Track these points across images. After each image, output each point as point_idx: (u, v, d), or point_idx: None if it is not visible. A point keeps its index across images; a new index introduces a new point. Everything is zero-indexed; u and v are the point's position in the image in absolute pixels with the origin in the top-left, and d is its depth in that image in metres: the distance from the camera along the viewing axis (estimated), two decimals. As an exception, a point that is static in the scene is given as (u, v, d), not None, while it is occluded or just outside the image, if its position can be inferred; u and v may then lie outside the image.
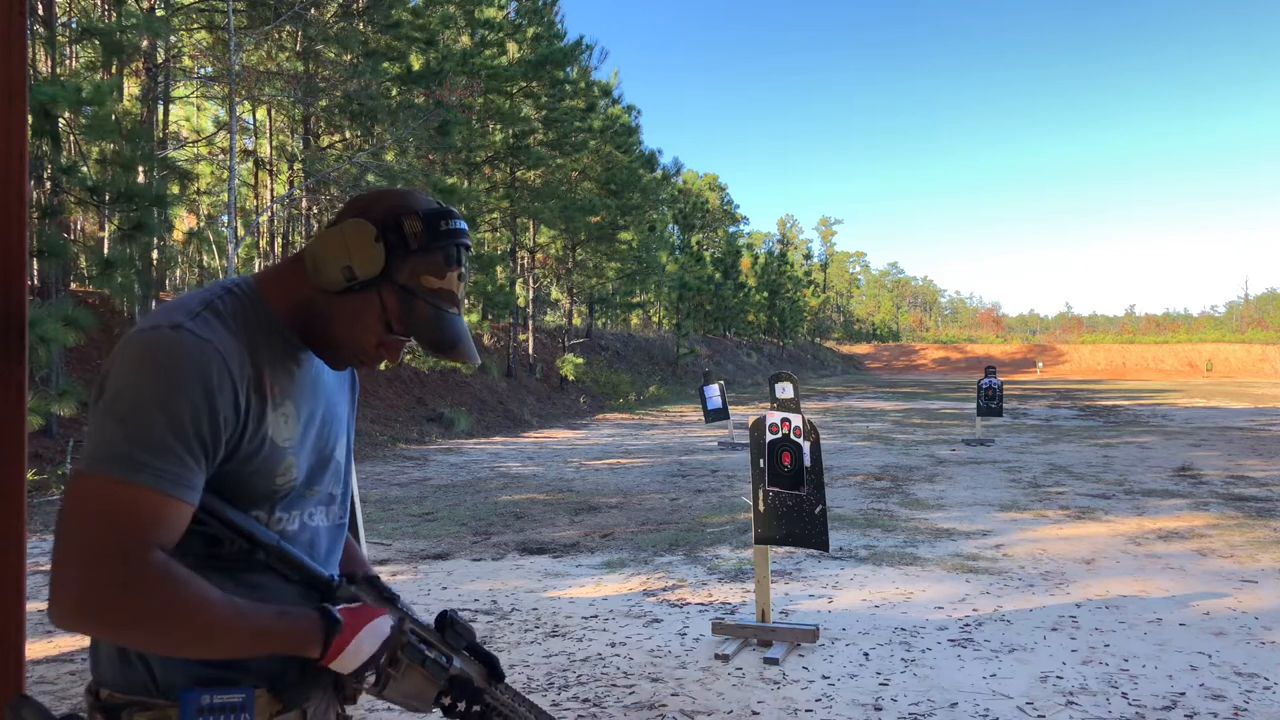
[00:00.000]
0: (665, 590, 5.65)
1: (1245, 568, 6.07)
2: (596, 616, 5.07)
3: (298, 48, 16.48)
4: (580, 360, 24.85)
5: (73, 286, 13.57)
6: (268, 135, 18.79)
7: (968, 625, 4.84)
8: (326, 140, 18.28)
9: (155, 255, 13.14)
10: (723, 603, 5.34)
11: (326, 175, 16.22)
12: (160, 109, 14.88)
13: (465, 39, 21.17)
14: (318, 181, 16.37)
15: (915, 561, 6.34)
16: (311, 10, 15.09)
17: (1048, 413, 22.14)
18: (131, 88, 14.34)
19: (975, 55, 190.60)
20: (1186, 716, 3.61)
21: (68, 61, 15.35)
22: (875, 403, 27.07)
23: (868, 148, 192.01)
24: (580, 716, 3.63)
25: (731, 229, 61.21)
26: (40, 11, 10.92)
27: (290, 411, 1.18)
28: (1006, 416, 18.00)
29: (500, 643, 4.59)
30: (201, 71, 16.85)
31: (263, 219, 17.70)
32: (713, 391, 14.91)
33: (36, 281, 11.59)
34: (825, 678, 4.06)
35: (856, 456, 12.90)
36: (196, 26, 15.27)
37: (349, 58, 16.81)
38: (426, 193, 1.41)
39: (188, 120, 21.20)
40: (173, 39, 13.97)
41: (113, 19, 12.75)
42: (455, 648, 1.27)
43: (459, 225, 1.19)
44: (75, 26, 14.26)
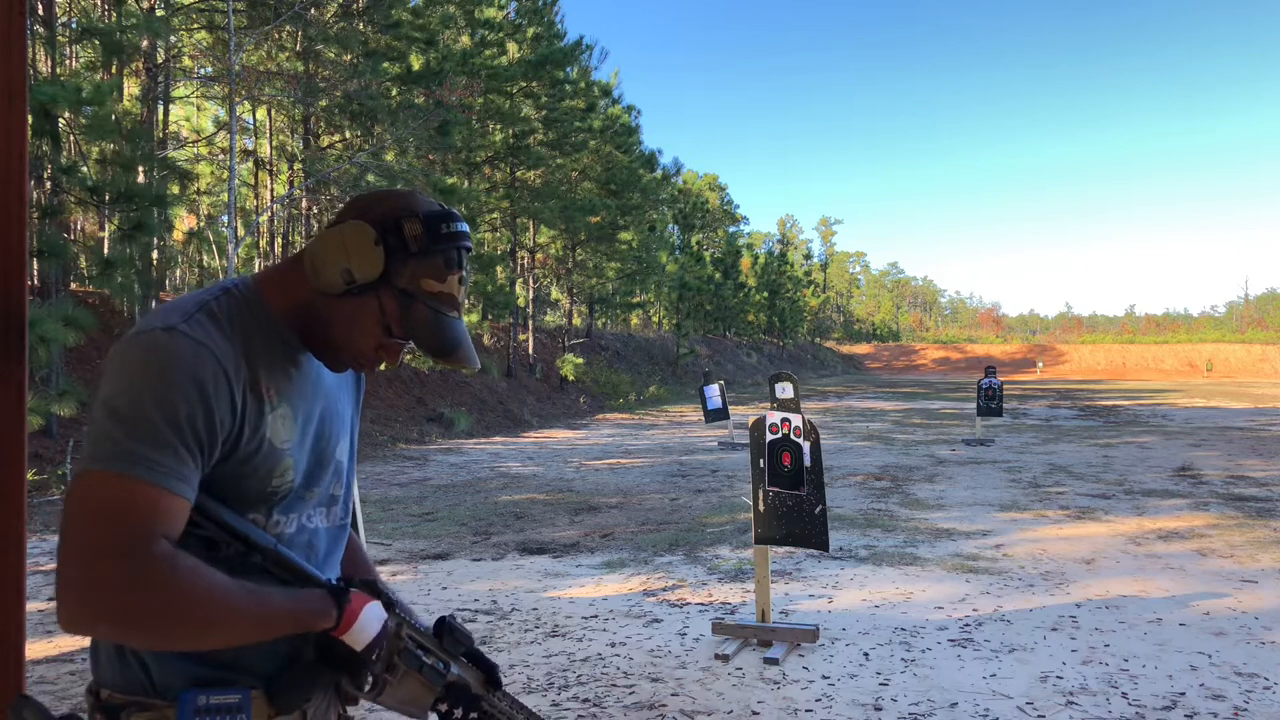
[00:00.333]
0: (665, 590, 5.65)
1: (1245, 568, 6.08)
2: (596, 616, 5.07)
3: (298, 48, 16.49)
4: (580, 360, 24.85)
5: (73, 286, 13.57)
6: (268, 135, 18.80)
7: (968, 625, 4.84)
8: (326, 140, 18.28)
9: (155, 255, 13.15)
10: (723, 603, 5.34)
11: (326, 175, 16.22)
12: (160, 109, 14.88)
13: (465, 39, 21.17)
14: (318, 181, 16.37)
15: (915, 561, 6.34)
16: (311, 10, 15.09)
17: (1048, 413, 22.15)
18: (131, 88, 14.35)
19: (975, 55, 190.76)
20: (1186, 716, 3.61)
21: (68, 61, 15.34)
22: (875, 403, 27.07)
23: (868, 148, 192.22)
24: (580, 716, 3.63)
25: (731, 229, 61.21)
26: (40, 11, 10.92)
27: (287, 413, 1.17)
28: (1006, 416, 18.00)
29: (500, 643, 4.59)
30: (201, 71, 16.85)
31: (263, 219, 17.70)
32: (713, 391, 14.91)
33: (36, 281, 11.59)
34: (825, 678, 4.06)
35: (856, 456, 12.90)
36: (196, 26, 15.27)
37: (349, 58, 16.81)
38: (426, 193, 1.41)
39: (188, 120, 21.20)
40: (173, 39, 13.97)
41: (113, 19, 12.75)
42: (453, 654, 1.26)
43: (460, 228, 1.18)
44: (75, 26, 14.26)
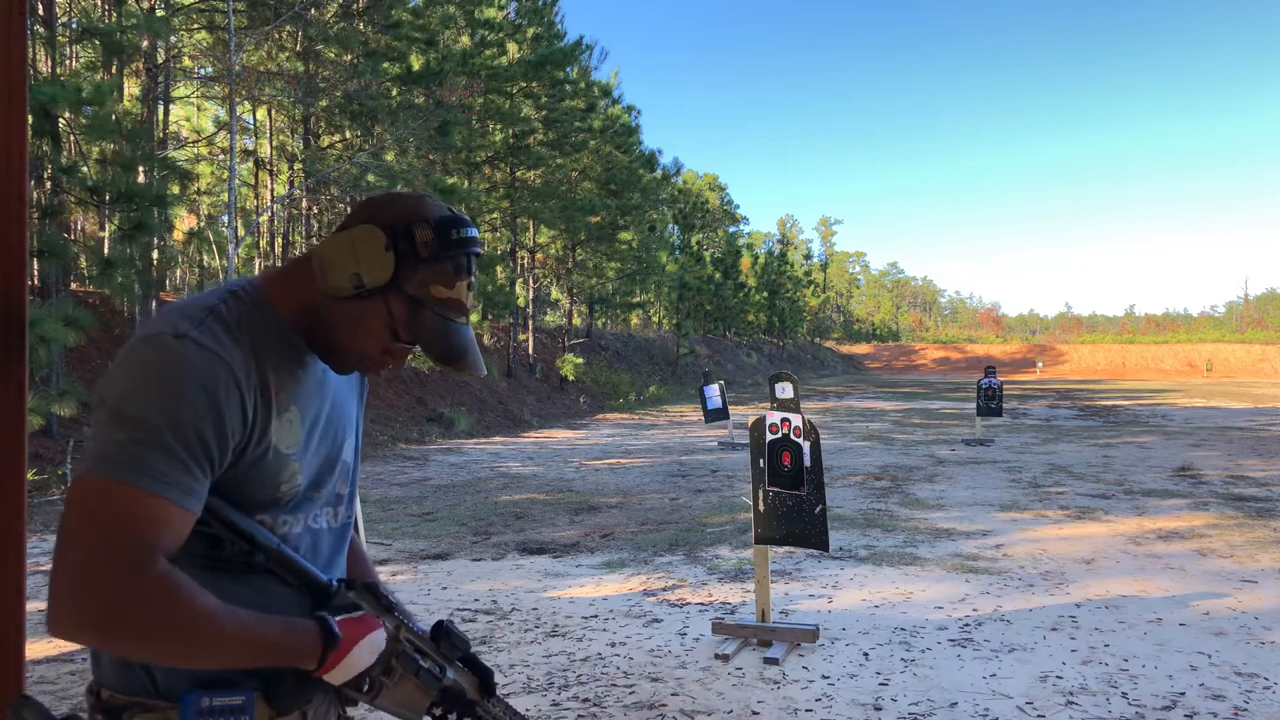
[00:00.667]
0: (665, 590, 5.65)
1: (1245, 568, 6.08)
2: (596, 616, 5.07)
3: (298, 48, 16.49)
4: (580, 360, 24.85)
5: (73, 286, 13.57)
6: (268, 135, 18.80)
7: (968, 625, 4.84)
8: (326, 140, 18.28)
9: (155, 255, 13.14)
10: (723, 603, 5.34)
11: (326, 175, 16.22)
12: (160, 109, 14.88)
13: (465, 39, 21.17)
14: (318, 181, 16.37)
15: (915, 561, 6.34)
16: (311, 10, 15.09)
17: (1047, 413, 22.14)
18: (132, 88, 14.35)
19: (975, 55, 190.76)
20: (1186, 716, 3.61)
21: (68, 61, 15.34)
22: (875, 403, 27.07)
23: (868, 148, 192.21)
24: (580, 716, 3.63)
25: (731, 229, 61.21)
26: (40, 11, 10.92)
27: (295, 417, 1.17)
28: (1006, 416, 18.00)
29: (500, 643, 4.60)
30: (201, 71, 16.85)
31: (263, 219, 17.70)
32: (713, 391, 14.91)
33: (36, 281, 11.59)
34: (825, 677, 4.06)
35: (856, 456, 12.90)
36: (196, 26, 15.27)
37: (349, 58, 16.81)
38: (426, 193, 1.41)
39: (188, 120, 21.20)
40: (173, 39, 13.96)
41: (113, 19, 12.75)
42: (450, 658, 1.26)
43: (470, 234, 1.17)
44: (75, 26, 14.26)
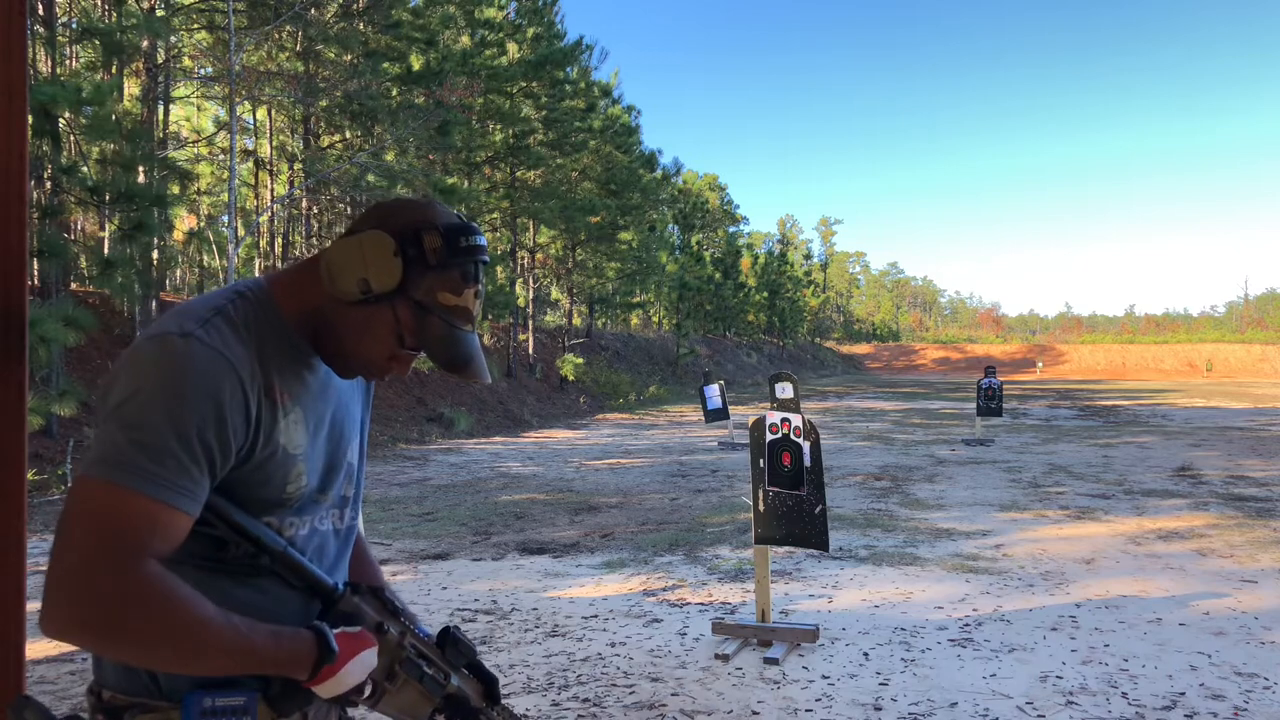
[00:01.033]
0: (665, 590, 5.65)
1: (1245, 568, 6.08)
2: (596, 616, 5.07)
3: (298, 48, 16.49)
4: (580, 360, 24.85)
5: (73, 286, 13.57)
6: (268, 135, 18.80)
7: (968, 625, 4.84)
8: (326, 140, 18.28)
9: (155, 255, 13.15)
10: (723, 603, 5.34)
11: (326, 175, 16.22)
12: (160, 109, 14.88)
13: (465, 39, 21.17)
14: (318, 181, 16.37)
15: (915, 561, 6.34)
16: (311, 10, 15.09)
17: (1047, 413, 22.14)
18: (132, 88, 14.34)
19: (975, 55, 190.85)
20: (1186, 716, 3.61)
21: (68, 61, 15.34)
22: (875, 403, 27.07)
23: (868, 148, 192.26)
24: (580, 716, 3.63)
25: (731, 229, 61.19)
26: (40, 11, 10.92)
27: (300, 418, 1.17)
28: (1006, 416, 18.00)
29: (500, 643, 4.60)
30: (201, 71, 16.86)
31: (263, 219, 17.69)
32: (713, 391, 14.91)
33: (36, 281, 11.59)
34: (825, 677, 4.06)
35: (856, 456, 12.90)
36: (196, 26, 15.28)
37: (349, 58, 16.81)
38: (426, 193, 1.40)
39: (188, 120, 21.21)
40: (173, 39, 13.97)
41: (113, 19, 12.75)
42: (455, 665, 1.26)
43: (479, 241, 1.17)
44: (75, 26, 14.26)
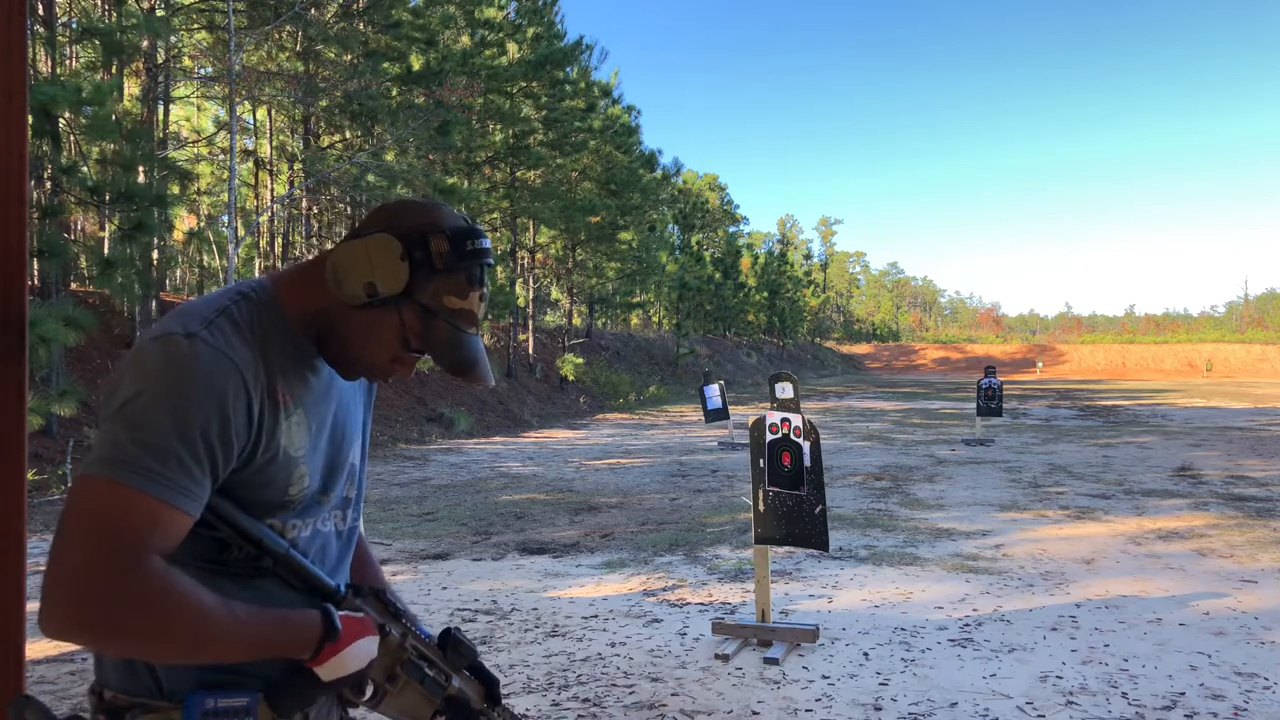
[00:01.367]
0: (665, 590, 5.65)
1: (1245, 568, 6.08)
2: (596, 616, 5.07)
3: (298, 48, 16.49)
4: (580, 360, 24.85)
5: (73, 286, 13.57)
6: (268, 135, 18.79)
7: (968, 625, 4.84)
8: (326, 140, 18.28)
9: (155, 255, 13.14)
10: (723, 603, 5.34)
11: (326, 175, 16.22)
12: (160, 109, 14.88)
13: (465, 39, 21.16)
14: (318, 181, 16.37)
15: (915, 561, 6.34)
16: (311, 10, 15.09)
17: (1047, 413, 22.14)
18: (132, 88, 14.34)
19: (975, 55, 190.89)
20: (1186, 716, 3.61)
21: (68, 61, 15.35)
22: (875, 403, 27.07)
23: (868, 148, 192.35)
24: (580, 716, 3.63)
25: (731, 229, 61.20)
26: (40, 11, 10.92)
27: (303, 419, 1.17)
28: (1006, 416, 18.00)
29: (500, 643, 4.60)
30: (201, 71, 16.85)
31: (263, 219, 17.69)
32: (713, 391, 14.91)
33: (36, 281, 11.59)
34: (825, 677, 4.06)
35: (856, 456, 12.90)
36: (196, 26, 15.27)
37: (349, 58, 16.81)
38: (426, 193, 1.41)
39: (188, 120, 21.21)
40: (173, 39, 13.97)
41: (113, 19, 12.75)
42: (456, 666, 1.26)
43: (484, 245, 1.17)
44: (75, 26, 14.26)
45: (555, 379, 24.92)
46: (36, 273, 11.47)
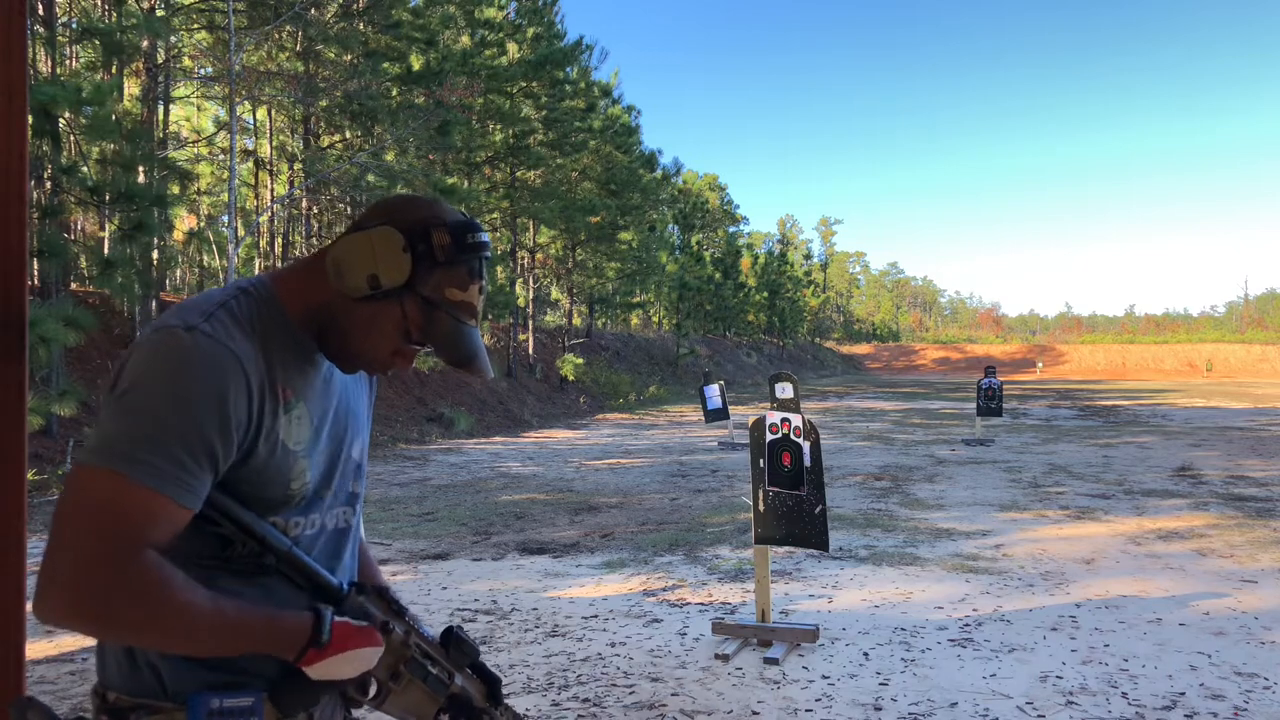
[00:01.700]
0: (665, 590, 5.65)
1: (1245, 568, 6.08)
2: (596, 616, 5.07)
3: (298, 48, 16.48)
4: (580, 360, 24.85)
5: (73, 286, 13.57)
6: (268, 135, 18.79)
7: (968, 625, 4.84)
8: (327, 140, 18.28)
9: (155, 255, 13.15)
10: (723, 603, 5.34)
11: (326, 175, 16.22)
12: (160, 109, 14.88)
13: (465, 39, 21.17)
14: (318, 181, 16.37)
15: (915, 561, 6.34)
16: (311, 10, 15.09)
17: (1047, 413, 22.15)
18: (132, 88, 14.34)
19: (975, 55, 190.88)
20: (1186, 716, 3.61)
21: (68, 61, 15.35)
22: (875, 403, 27.07)
23: (868, 148, 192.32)
24: (580, 716, 3.63)
25: (731, 229, 61.20)
26: (40, 11, 10.92)
27: (303, 414, 1.17)
28: (1006, 416, 18.00)
29: (500, 643, 4.60)
30: (201, 71, 16.85)
31: (263, 219, 17.69)
32: (713, 391, 14.91)
33: (36, 281, 11.59)
34: (825, 677, 4.06)
35: (856, 456, 12.90)
36: (196, 26, 15.27)
37: (349, 58, 16.81)
38: (426, 193, 1.41)
39: (188, 120, 21.21)
40: (173, 39, 13.97)
41: (113, 19, 12.75)
42: (459, 665, 1.26)
43: (483, 238, 1.19)
44: (75, 26, 14.26)
45: (555, 379, 24.92)
46: (36, 273, 11.47)
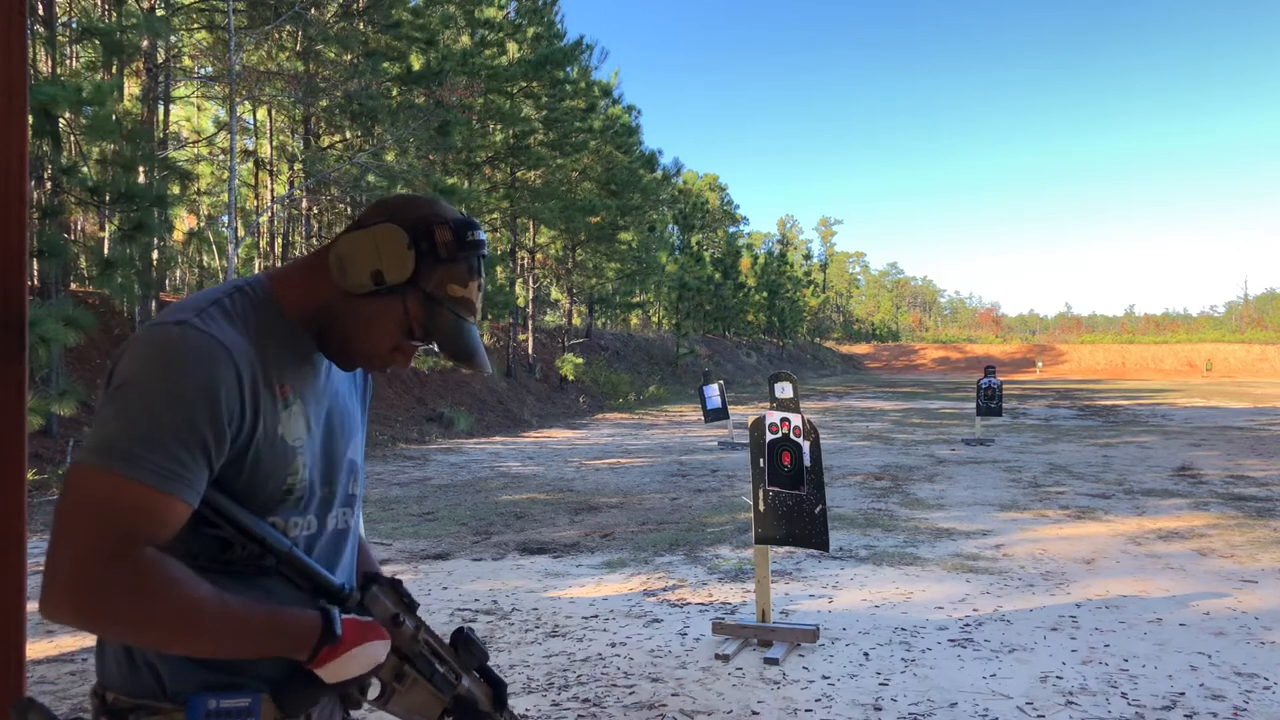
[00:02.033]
0: (665, 590, 5.65)
1: (1245, 568, 6.08)
2: (597, 616, 5.07)
3: (298, 48, 16.48)
4: (580, 360, 24.85)
5: (73, 286, 13.57)
6: (268, 135, 18.79)
7: (968, 625, 4.84)
8: (327, 140, 18.28)
9: (155, 255, 13.14)
10: (723, 603, 5.34)
11: (326, 175, 16.22)
12: (160, 109, 14.88)
13: (465, 39, 21.17)
14: (318, 182, 16.37)
15: (915, 561, 6.34)
16: (311, 10, 15.09)
17: (1047, 412, 22.14)
18: (132, 88, 14.34)
19: (975, 55, 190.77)
20: (1186, 716, 3.61)
21: (68, 61, 15.34)
22: (875, 402, 27.07)
23: (868, 148, 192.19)
24: (580, 716, 3.63)
25: (731, 229, 61.20)
26: (40, 11, 10.92)
27: (300, 411, 1.17)
28: (1006, 416, 17.99)
29: (500, 643, 4.60)
30: (202, 71, 16.85)
31: (263, 219, 17.69)
32: (712, 391, 14.91)
33: (36, 281, 11.59)
34: (825, 678, 4.06)
35: (856, 456, 12.90)
36: (197, 26, 15.27)
37: (349, 58, 16.80)
38: (426, 193, 1.42)
39: (188, 120, 21.20)
40: (173, 39, 13.96)
41: (113, 19, 12.75)
42: (467, 667, 1.26)
43: (482, 236, 1.21)
44: (75, 26, 14.26)
45: (555, 379, 24.92)
46: (36, 273, 11.46)
